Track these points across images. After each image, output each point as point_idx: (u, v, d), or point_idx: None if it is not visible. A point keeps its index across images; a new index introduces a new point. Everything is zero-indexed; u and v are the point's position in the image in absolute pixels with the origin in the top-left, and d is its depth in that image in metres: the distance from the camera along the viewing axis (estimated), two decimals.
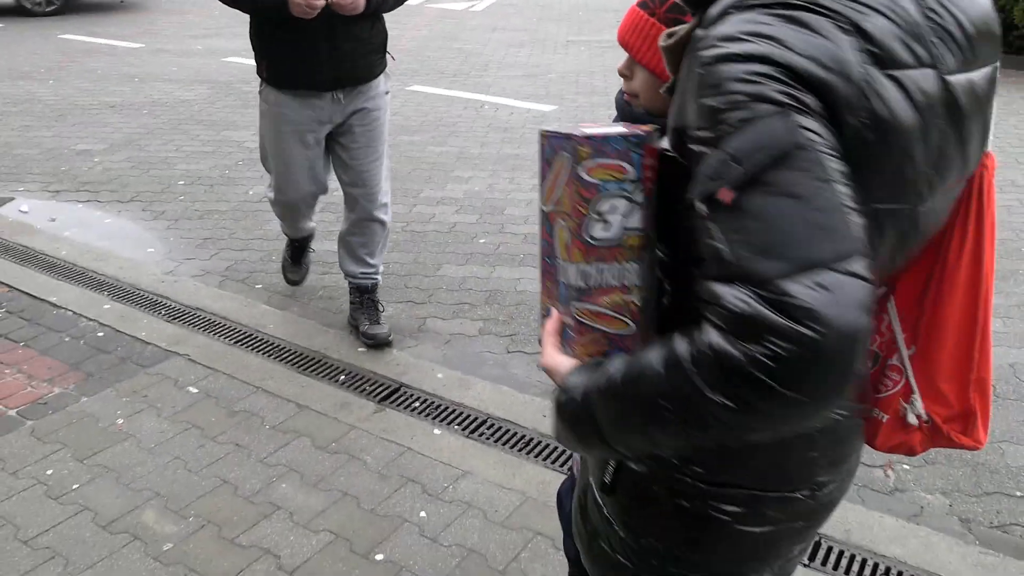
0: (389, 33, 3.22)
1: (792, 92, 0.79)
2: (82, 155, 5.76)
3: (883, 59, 0.83)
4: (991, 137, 1.05)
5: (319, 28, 2.87)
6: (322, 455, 2.72)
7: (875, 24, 0.84)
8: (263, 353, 3.32)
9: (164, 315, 3.59)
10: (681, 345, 0.79)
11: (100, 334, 3.44)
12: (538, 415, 2.94)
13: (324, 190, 3.31)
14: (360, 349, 3.34)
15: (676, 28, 1.05)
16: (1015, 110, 6.84)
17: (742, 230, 0.77)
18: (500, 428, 2.88)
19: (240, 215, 4.78)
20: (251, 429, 2.85)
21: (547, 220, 1.02)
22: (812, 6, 0.83)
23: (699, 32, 0.90)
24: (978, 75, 0.94)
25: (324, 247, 4.36)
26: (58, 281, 3.88)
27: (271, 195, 3.36)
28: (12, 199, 5.02)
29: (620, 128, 0.96)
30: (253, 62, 3.19)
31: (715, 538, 1.08)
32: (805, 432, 1.00)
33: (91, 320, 3.55)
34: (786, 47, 0.81)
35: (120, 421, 2.88)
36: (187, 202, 4.97)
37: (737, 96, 0.80)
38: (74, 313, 3.60)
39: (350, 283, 3.47)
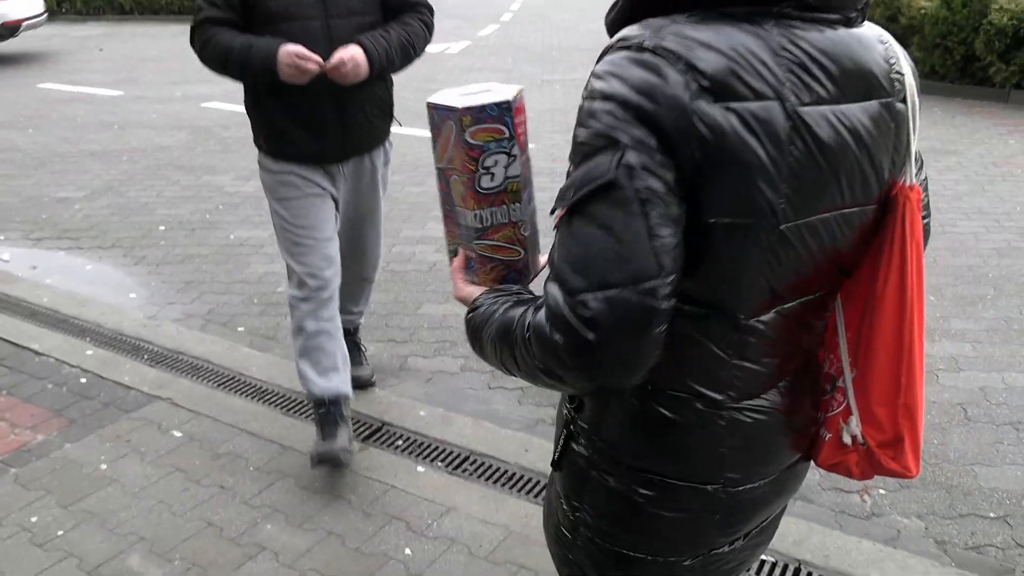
0: None
1: (628, 128, 0.94)
2: (63, 202, 5.79)
3: (717, 92, 0.94)
4: (911, 170, 1.12)
5: (324, 94, 2.59)
6: (306, 495, 2.74)
7: (709, 62, 0.95)
8: (246, 395, 3.34)
9: (147, 360, 3.61)
10: (529, 316, 1.03)
11: (83, 380, 3.45)
12: (520, 450, 2.97)
13: (339, 266, 2.90)
14: None
15: None
16: (980, 139, 7.02)
17: (567, 246, 0.98)
18: (483, 464, 2.91)
19: (221, 259, 4.82)
20: (235, 471, 2.87)
21: (443, 175, 1.22)
22: (656, 49, 0.96)
23: None
24: (853, 108, 1.03)
25: None
26: (40, 328, 3.89)
27: (295, 270, 2.82)
28: None
29: (492, 96, 1.14)
30: (232, 107, 3.22)
31: (633, 516, 1.19)
32: (713, 430, 1.13)
33: (74, 367, 3.56)
34: (629, 85, 0.95)
35: (104, 466, 2.89)
36: (168, 247, 5.01)
37: (588, 131, 0.98)
38: (56, 360, 3.61)
39: None
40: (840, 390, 1.21)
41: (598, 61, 1.01)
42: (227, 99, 8.62)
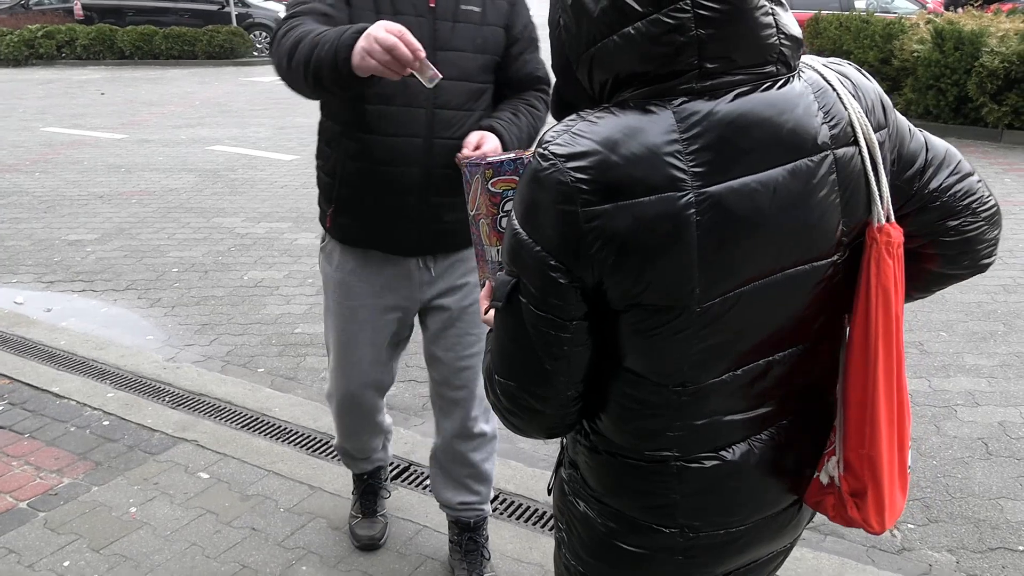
0: None
1: (524, 252, 1.03)
2: (74, 245, 5.82)
3: (609, 193, 0.97)
4: (878, 210, 1.07)
5: (416, 169, 2.04)
6: (339, 536, 2.74)
7: (601, 165, 0.97)
8: (271, 436, 3.35)
9: (168, 402, 3.61)
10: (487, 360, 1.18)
11: (106, 423, 3.45)
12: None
13: (388, 385, 2.48)
14: None
15: None
16: None
17: (493, 329, 1.15)
18: (513, 503, 2.92)
19: (237, 300, 4.84)
20: (266, 513, 2.87)
21: (474, 220, 1.45)
22: (552, 156, 0.99)
23: None
24: (769, 175, 1.00)
25: (322, 329, 4.43)
26: (59, 371, 3.89)
27: (327, 386, 2.54)
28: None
29: (509, 154, 1.40)
30: (238, 150, 3.00)
31: (599, 546, 1.25)
32: (663, 480, 1.16)
33: (95, 409, 3.56)
34: (525, 207, 1.03)
35: (133, 509, 2.88)
36: (182, 289, 5.03)
37: (505, 238, 1.08)
38: (78, 403, 3.61)
39: (447, 515, 2.64)
40: (834, 430, 1.20)
41: None
42: (233, 143, 8.74)
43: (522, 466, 3.13)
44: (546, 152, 1.00)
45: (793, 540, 1.34)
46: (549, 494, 1.38)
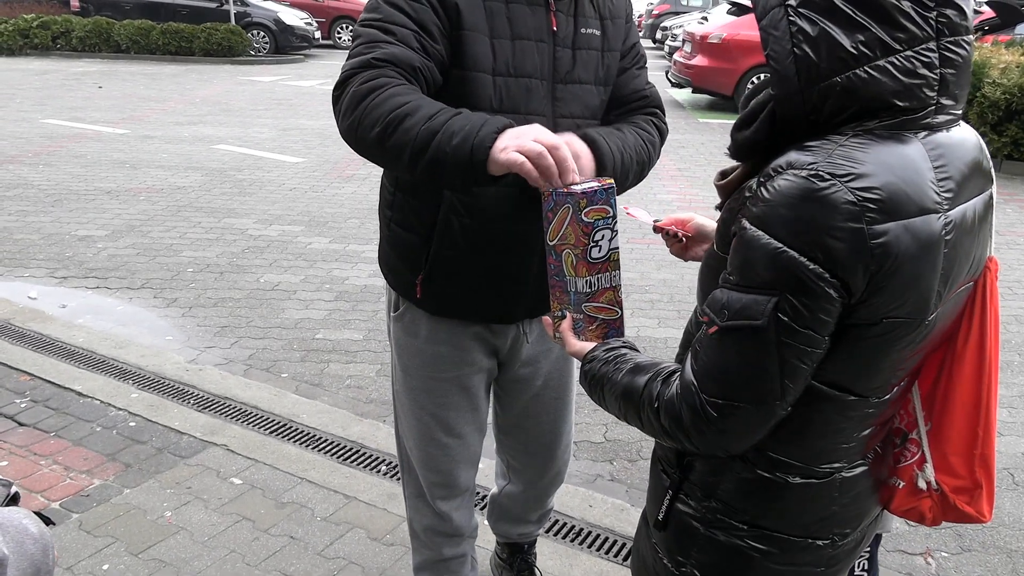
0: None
1: (791, 269, 1.02)
2: (84, 241, 5.77)
3: (889, 212, 1.02)
4: (992, 243, 1.24)
5: (535, 224, 1.51)
6: (379, 547, 2.73)
7: (881, 184, 1.02)
8: (301, 443, 3.33)
9: (194, 404, 3.59)
10: (657, 388, 1.18)
11: (132, 424, 3.42)
12: (584, 505, 2.99)
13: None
14: None
15: (728, 169, 1.27)
16: None
17: (709, 355, 1.12)
18: (552, 520, 2.91)
19: (255, 303, 4.81)
20: (302, 521, 2.85)
21: (554, 251, 1.42)
22: (831, 176, 1.01)
23: (751, 186, 1.10)
24: (975, 202, 1.14)
25: (343, 335, 4.42)
26: (80, 369, 3.86)
27: (423, 475, 2.14)
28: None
29: (597, 183, 1.38)
30: (244, 150, 2.63)
31: (743, 569, 1.27)
32: (828, 492, 1.23)
33: (120, 409, 3.52)
34: (801, 224, 1.02)
35: (168, 513, 2.86)
36: (198, 289, 4.99)
37: (752, 260, 1.06)
38: (102, 402, 3.57)
39: (498, 538, 2.59)
40: (913, 442, 1.30)
41: (760, 182, 1.07)
42: (237, 142, 8.69)
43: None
44: (820, 172, 1.02)
45: None
46: (659, 528, 1.34)
